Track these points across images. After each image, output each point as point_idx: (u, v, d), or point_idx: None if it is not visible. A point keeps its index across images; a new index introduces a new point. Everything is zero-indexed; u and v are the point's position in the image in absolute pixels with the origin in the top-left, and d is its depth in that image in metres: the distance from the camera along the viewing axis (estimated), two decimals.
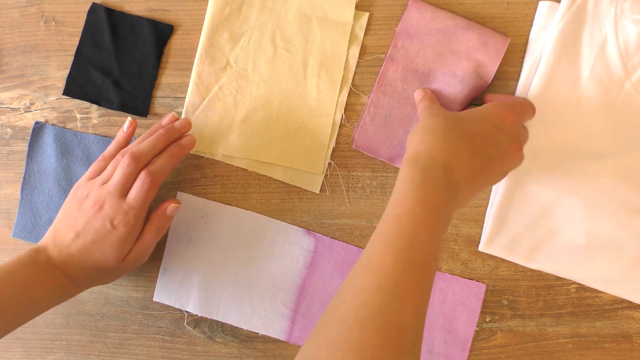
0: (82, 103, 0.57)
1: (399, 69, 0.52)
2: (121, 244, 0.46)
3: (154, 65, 0.56)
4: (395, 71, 0.52)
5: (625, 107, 0.52)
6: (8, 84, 0.57)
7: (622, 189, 0.52)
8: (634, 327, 0.54)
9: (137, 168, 0.46)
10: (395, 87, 0.52)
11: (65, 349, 0.57)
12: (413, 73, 0.51)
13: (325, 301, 0.55)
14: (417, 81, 0.51)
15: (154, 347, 0.57)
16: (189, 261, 0.56)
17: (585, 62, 0.52)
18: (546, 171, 0.53)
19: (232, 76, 0.55)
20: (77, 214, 0.47)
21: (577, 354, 0.54)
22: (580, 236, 0.53)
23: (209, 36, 0.55)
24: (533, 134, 0.52)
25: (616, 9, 0.51)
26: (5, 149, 0.58)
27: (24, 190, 0.57)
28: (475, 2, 0.54)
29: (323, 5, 0.55)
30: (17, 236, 0.57)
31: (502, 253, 0.54)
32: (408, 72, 0.52)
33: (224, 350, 0.56)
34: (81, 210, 0.47)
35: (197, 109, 0.56)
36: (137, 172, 0.47)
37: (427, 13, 0.51)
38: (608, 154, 0.52)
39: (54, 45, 0.57)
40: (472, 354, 0.55)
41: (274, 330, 0.55)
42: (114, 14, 0.56)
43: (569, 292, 0.54)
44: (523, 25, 0.54)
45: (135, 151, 0.47)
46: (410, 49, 0.51)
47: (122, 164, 0.46)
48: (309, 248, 0.55)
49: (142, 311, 0.57)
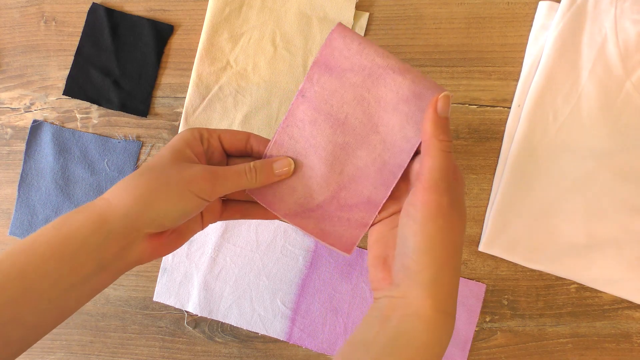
0: (82, 103, 0.57)
1: (309, 110, 0.40)
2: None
3: (154, 65, 0.56)
4: (305, 111, 0.40)
5: (625, 107, 0.52)
6: (8, 84, 0.57)
7: (622, 189, 0.52)
8: (634, 327, 0.54)
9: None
10: (302, 130, 0.40)
11: (66, 349, 0.57)
12: (325, 116, 0.40)
13: (325, 301, 0.55)
14: (329, 128, 0.40)
15: (154, 347, 0.57)
16: (189, 261, 0.56)
17: (585, 62, 0.52)
18: (546, 171, 0.53)
19: (232, 76, 0.55)
20: None
21: (577, 354, 0.54)
22: (580, 236, 0.53)
23: (209, 36, 0.55)
24: (534, 134, 0.52)
25: (616, 9, 0.51)
26: (6, 149, 0.58)
27: (21, 188, 0.57)
28: (475, 2, 0.54)
29: (323, 5, 0.55)
30: (13, 234, 0.57)
31: (502, 253, 0.54)
32: (319, 114, 0.40)
33: (224, 350, 0.56)
34: None
35: (197, 109, 0.56)
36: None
37: (354, 44, 0.38)
38: (608, 153, 0.52)
39: (54, 45, 0.57)
40: (472, 353, 0.55)
41: (274, 330, 0.55)
42: (114, 14, 0.56)
43: (569, 292, 0.54)
44: (523, 25, 0.54)
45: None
46: (326, 85, 0.39)
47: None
48: (309, 248, 0.56)
49: (142, 311, 0.57)
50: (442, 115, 0.35)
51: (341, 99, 0.39)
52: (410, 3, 0.55)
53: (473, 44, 0.55)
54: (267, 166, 0.39)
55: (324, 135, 0.40)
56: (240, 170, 0.38)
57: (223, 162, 0.41)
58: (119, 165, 0.57)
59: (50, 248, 0.33)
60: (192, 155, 0.38)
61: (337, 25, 0.39)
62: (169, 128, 0.57)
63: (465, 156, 0.55)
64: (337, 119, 0.40)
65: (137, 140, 0.57)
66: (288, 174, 0.40)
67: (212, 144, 0.40)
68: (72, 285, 0.33)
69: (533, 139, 0.53)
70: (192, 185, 0.35)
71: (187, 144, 0.38)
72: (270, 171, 0.39)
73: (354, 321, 0.55)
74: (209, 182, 0.36)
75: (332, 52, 0.39)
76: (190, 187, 0.35)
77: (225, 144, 0.41)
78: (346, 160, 0.40)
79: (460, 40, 0.55)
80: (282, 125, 0.41)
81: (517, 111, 0.54)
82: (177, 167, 0.36)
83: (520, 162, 0.53)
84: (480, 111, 0.55)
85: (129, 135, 0.57)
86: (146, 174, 0.35)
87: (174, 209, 0.35)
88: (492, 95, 0.55)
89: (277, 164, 0.40)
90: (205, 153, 0.39)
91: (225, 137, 0.41)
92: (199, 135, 0.39)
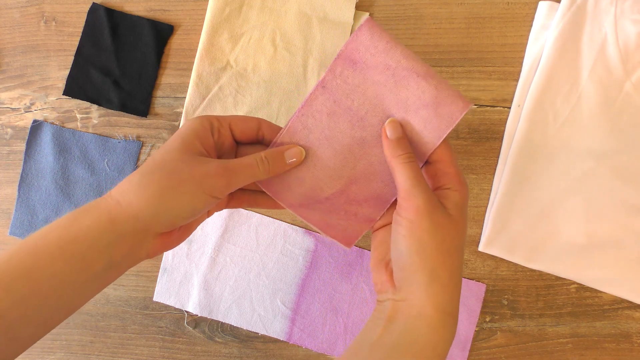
0: (82, 103, 0.57)
1: (328, 101, 0.40)
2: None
3: (154, 65, 0.56)
4: (324, 103, 0.40)
5: (625, 107, 0.52)
6: (8, 84, 0.57)
7: (622, 189, 0.52)
8: (634, 327, 0.54)
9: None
10: (319, 121, 0.40)
11: (66, 349, 0.57)
12: (345, 110, 0.40)
13: (325, 301, 0.55)
14: (347, 122, 0.40)
15: (154, 347, 0.57)
16: (189, 261, 0.56)
17: (585, 62, 0.52)
18: (546, 171, 0.53)
19: (232, 76, 0.55)
20: None
21: (577, 354, 0.54)
22: (580, 236, 0.53)
23: (209, 36, 0.55)
24: (534, 134, 0.52)
25: (616, 9, 0.51)
26: (6, 149, 0.58)
27: (21, 188, 0.57)
28: (475, 2, 0.54)
29: (323, 5, 0.55)
30: (13, 234, 0.57)
31: (502, 253, 0.54)
32: (339, 107, 0.40)
33: (224, 350, 0.56)
34: None
35: (197, 109, 0.55)
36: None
37: (381, 42, 0.38)
38: (608, 153, 0.52)
39: (54, 45, 0.57)
40: (472, 353, 0.55)
41: (274, 330, 0.55)
42: (114, 14, 0.56)
43: (569, 292, 0.54)
44: (523, 25, 0.54)
45: None
46: (349, 80, 0.39)
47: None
48: (309, 248, 0.56)
49: (142, 311, 0.57)
50: (393, 137, 0.38)
51: (363, 95, 0.40)
52: (410, 3, 0.55)
53: (473, 44, 0.55)
54: (278, 156, 0.38)
55: (341, 129, 0.40)
56: (252, 162, 0.37)
57: (232, 151, 0.40)
58: (119, 165, 0.57)
59: (59, 248, 0.32)
60: (202, 149, 0.36)
61: (366, 20, 0.38)
62: (169, 128, 0.57)
63: (465, 156, 0.55)
64: (356, 114, 0.40)
65: (137, 140, 0.57)
66: (298, 163, 0.40)
67: (223, 133, 0.38)
68: (80, 284, 0.33)
69: (533, 139, 0.53)
70: (205, 183, 0.34)
71: (197, 136, 0.36)
72: (282, 161, 0.39)
73: (354, 321, 0.55)
74: (222, 178, 0.35)
75: (358, 47, 0.39)
76: (204, 186, 0.34)
77: (235, 132, 0.39)
78: (361, 156, 0.40)
79: (460, 40, 0.55)
80: (297, 114, 0.40)
81: (517, 111, 0.54)
82: (189, 164, 0.35)
83: (520, 162, 0.53)
84: (480, 111, 0.55)
85: (129, 135, 0.57)
86: (156, 173, 0.34)
87: (187, 209, 0.35)
88: (492, 95, 0.55)
89: (288, 153, 0.39)
90: (215, 144, 0.38)
91: (237, 125, 0.39)
92: (209, 125, 0.37)
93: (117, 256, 0.34)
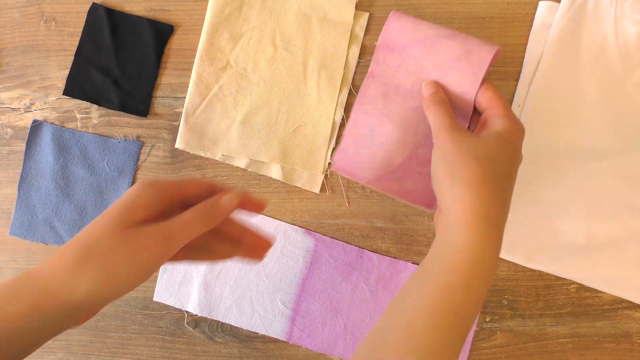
0: (82, 103, 0.57)
1: (380, 86, 0.47)
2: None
3: (154, 65, 0.56)
4: (377, 88, 0.47)
5: (625, 107, 0.52)
6: (8, 84, 0.57)
7: (623, 189, 0.52)
8: (634, 327, 0.54)
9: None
10: (375, 104, 0.47)
11: (65, 349, 0.57)
12: (395, 89, 0.47)
13: (325, 301, 0.55)
14: (400, 97, 0.47)
15: (154, 347, 0.57)
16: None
17: (585, 62, 0.52)
18: (546, 171, 0.53)
19: (232, 76, 0.55)
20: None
21: (576, 354, 0.54)
22: (580, 236, 0.53)
23: (209, 36, 0.55)
24: (534, 134, 0.51)
25: (616, 9, 0.51)
26: (6, 149, 0.58)
27: (21, 188, 0.57)
28: (476, 2, 0.54)
29: (323, 5, 0.55)
30: (13, 234, 0.57)
31: (502, 253, 0.54)
32: (390, 88, 0.47)
33: (224, 350, 0.56)
34: None
35: (197, 109, 0.56)
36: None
37: (408, 24, 0.46)
38: (608, 154, 0.52)
39: (54, 45, 0.57)
40: (472, 353, 0.55)
41: (274, 330, 0.55)
42: (114, 14, 0.56)
43: (568, 292, 0.54)
44: (523, 25, 0.54)
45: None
46: (391, 63, 0.47)
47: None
48: (309, 248, 0.56)
49: (142, 311, 0.57)
50: (427, 94, 0.44)
51: (406, 71, 0.47)
52: (410, 3, 0.55)
53: None
54: (215, 206, 0.38)
55: (396, 105, 0.47)
56: (189, 219, 0.36)
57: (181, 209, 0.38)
58: (119, 165, 0.57)
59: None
60: (144, 216, 0.35)
61: (392, 12, 0.46)
62: (169, 128, 0.57)
63: None
64: (405, 88, 0.47)
65: (137, 140, 0.57)
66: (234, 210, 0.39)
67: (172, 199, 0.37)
68: (6, 356, 0.33)
69: (533, 139, 0.53)
70: (143, 257, 0.34)
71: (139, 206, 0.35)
72: (220, 209, 0.38)
73: (354, 321, 0.55)
74: (158, 246, 0.34)
75: (390, 34, 0.46)
76: (138, 262, 0.34)
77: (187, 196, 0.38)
78: (418, 122, 0.46)
79: None
80: (355, 106, 0.48)
81: (517, 111, 0.54)
82: (123, 239, 0.34)
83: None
84: None
85: (129, 135, 0.57)
86: (89, 256, 0.33)
87: (121, 289, 0.34)
88: None
89: (224, 200, 0.38)
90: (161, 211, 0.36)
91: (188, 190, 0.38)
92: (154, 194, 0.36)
93: (46, 334, 0.35)
